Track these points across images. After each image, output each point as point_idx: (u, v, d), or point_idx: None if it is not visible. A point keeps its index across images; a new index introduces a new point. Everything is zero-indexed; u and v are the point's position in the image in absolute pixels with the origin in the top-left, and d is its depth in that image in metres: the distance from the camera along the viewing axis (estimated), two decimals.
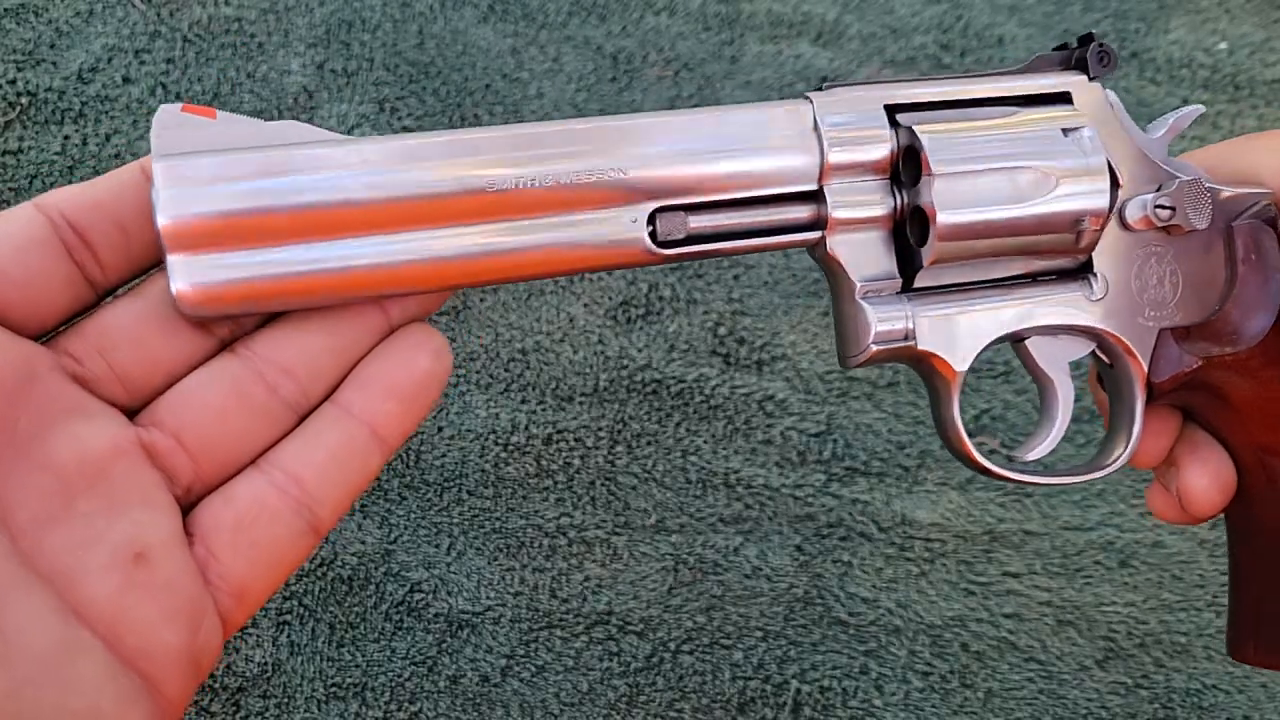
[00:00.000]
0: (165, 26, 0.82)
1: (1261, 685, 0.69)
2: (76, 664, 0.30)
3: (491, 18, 0.85)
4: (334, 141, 0.37)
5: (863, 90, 0.41)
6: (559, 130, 0.38)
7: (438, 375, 0.37)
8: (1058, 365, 0.44)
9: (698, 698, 0.68)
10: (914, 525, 0.72)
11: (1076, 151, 0.41)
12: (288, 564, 0.35)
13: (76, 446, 0.33)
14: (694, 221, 0.40)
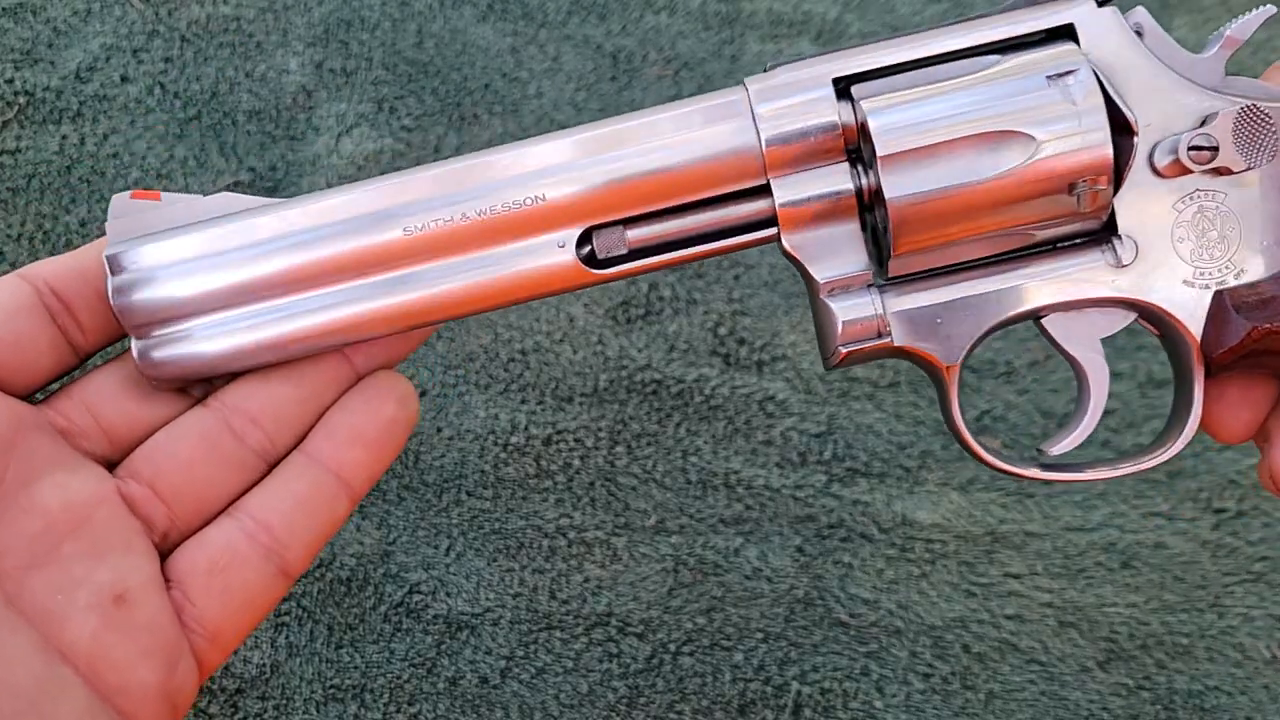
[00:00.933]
0: (163, 26, 0.82)
1: (1264, 687, 0.69)
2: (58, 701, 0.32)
3: (491, 16, 0.85)
4: (261, 209, 0.38)
5: (808, 65, 0.37)
6: (472, 165, 0.37)
7: (403, 421, 0.38)
8: (1087, 344, 0.38)
9: (698, 699, 0.68)
10: (915, 526, 0.72)
11: (1062, 101, 0.35)
12: (260, 607, 0.37)
13: (61, 495, 0.35)
14: (633, 234, 0.37)
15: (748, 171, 0.37)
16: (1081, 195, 0.35)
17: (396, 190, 0.37)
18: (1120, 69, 0.36)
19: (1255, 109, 0.35)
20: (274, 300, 0.37)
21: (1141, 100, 0.36)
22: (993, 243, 0.37)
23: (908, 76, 0.36)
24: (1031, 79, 0.35)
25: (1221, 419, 0.39)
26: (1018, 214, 0.36)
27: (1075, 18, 0.36)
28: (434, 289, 0.37)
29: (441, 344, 0.74)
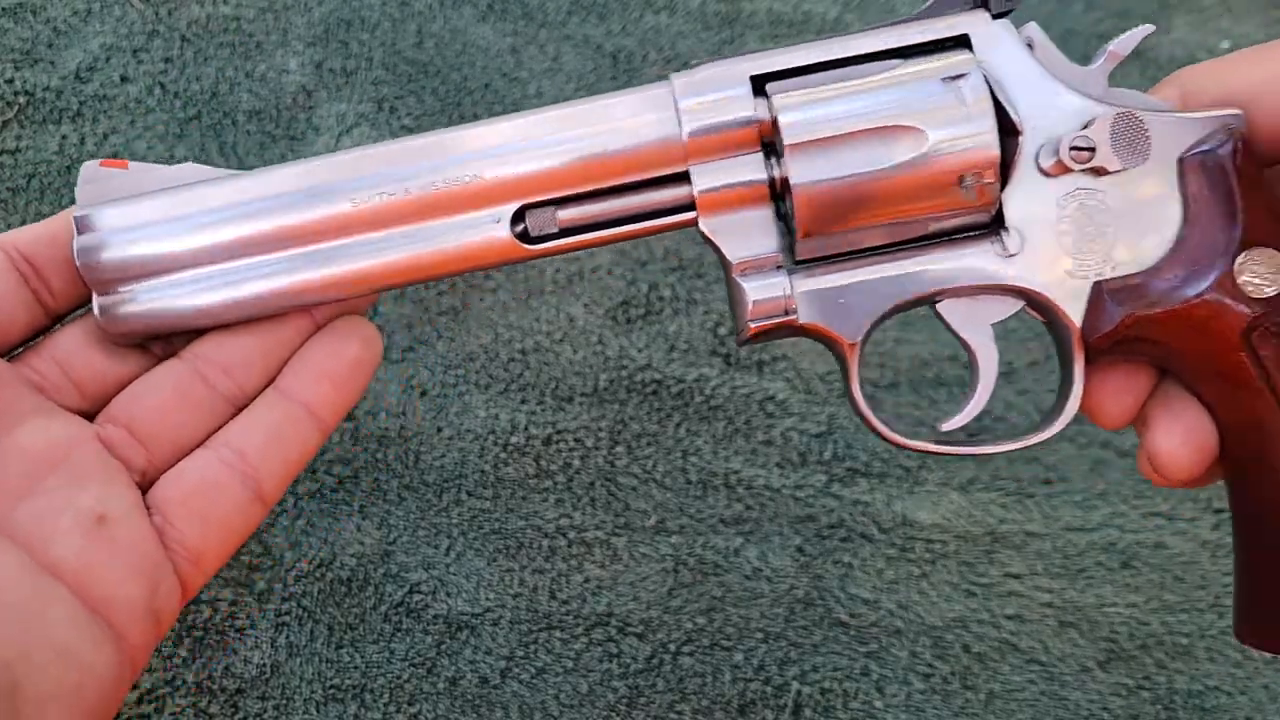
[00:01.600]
0: (163, 26, 0.81)
1: (1264, 687, 0.69)
2: (48, 611, 0.35)
3: (491, 16, 0.85)
4: (220, 179, 0.41)
5: (729, 63, 0.40)
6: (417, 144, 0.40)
7: (367, 360, 0.42)
8: (978, 328, 0.42)
9: (698, 699, 0.68)
10: (915, 526, 0.72)
11: (954, 102, 0.38)
12: (238, 530, 0.40)
13: (42, 436, 0.38)
14: (564, 214, 0.41)
15: (670, 159, 0.40)
16: (970, 188, 0.38)
17: (346, 165, 0.40)
18: (1010, 76, 0.39)
19: (1131, 115, 0.39)
20: (228, 264, 0.40)
21: (1029, 105, 0.39)
22: (892, 231, 0.40)
23: (818, 76, 0.40)
24: (928, 81, 0.39)
25: (1103, 405, 0.41)
26: (913, 203, 0.39)
27: (970, 28, 0.40)
28: (379, 258, 0.40)
29: (442, 344, 0.74)
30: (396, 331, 0.74)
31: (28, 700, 0.33)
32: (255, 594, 0.68)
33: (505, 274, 0.76)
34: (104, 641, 0.36)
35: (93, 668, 0.35)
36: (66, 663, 0.34)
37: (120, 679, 0.36)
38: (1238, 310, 0.38)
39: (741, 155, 0.40)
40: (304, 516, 0.70)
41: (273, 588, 0.68)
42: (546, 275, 0.76)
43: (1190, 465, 0.40)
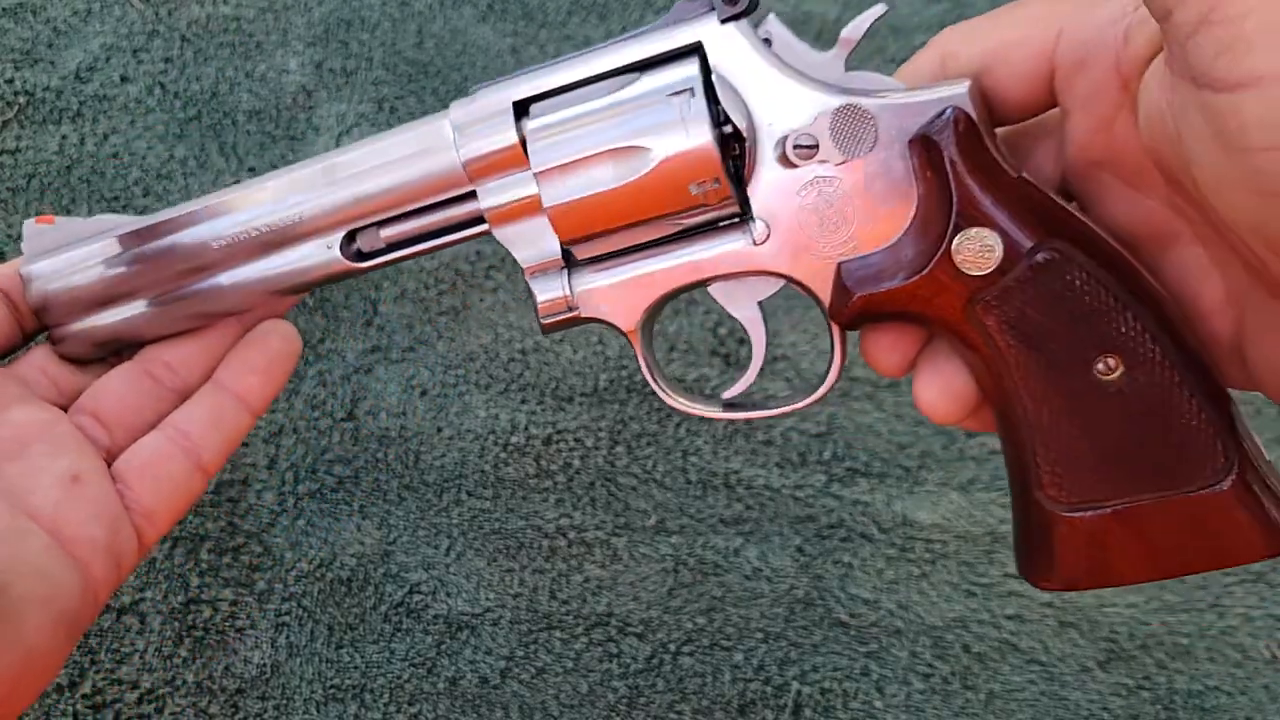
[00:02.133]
0: (163, 26, 0.81)
1: (1264, 687, 0.69)
2: (26, 540, 0.44)
3: (491, 17, 0.85)
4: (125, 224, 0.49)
5: (497, 89, 0.44)
6: (249, 192, 0.48)
7: (286, 354, 0.51)
8: (745, 305, 0.45)
9: (698, 699, 0.68)
10: (915, 526, 0.72)
11: (675, 118, 0.41)
12: (184, 494, 0.49)
13: (28, 416, 0.48)
14: (386, 233, 0.47)
15: (457, 182, 0.45)
16: (702, 192, 0.42)
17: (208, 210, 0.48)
18: (745, 76, 0.42)
19: (853, 107, 0.41)
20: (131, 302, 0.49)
21: (762, 103, 0.42)
22: (650, 229, 0.43)
23: (570, 96, 0.44)
24: (655, 97, 0.42)
25: (879, 358, 0.45)
26: (654, 209, 0.42)
27: (703, 36, 0.42)
28: (248, 280, 0.48)
29: (442, 344, 0.74)
30: (397, 331, 0.74)
31: (12, 599, 0.42)
32: (255, 594, 0.68)
33: (506, 274, 0.76)
34: (71, 568, 0.44)
35: (61, 585, 0.44)
36: (41, 577, 0.43)
37: (84, 600, 0.44)
38: (956, 287, 0.40)
39: (513, 173, 0.44)
40: (304, 516, 0.70)
41: (273, 588, 0.68)
42: None
43: (946, 413, 0.43)
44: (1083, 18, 0.39)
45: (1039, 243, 0.39)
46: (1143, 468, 0.39)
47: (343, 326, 0.74)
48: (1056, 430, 0.40)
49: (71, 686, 0.66)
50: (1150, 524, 0.39)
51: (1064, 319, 0.39)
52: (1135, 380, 0.39)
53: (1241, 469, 0.39)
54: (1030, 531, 0.42)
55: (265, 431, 0.72)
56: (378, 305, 0.75)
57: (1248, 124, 0.30)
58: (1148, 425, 0.39)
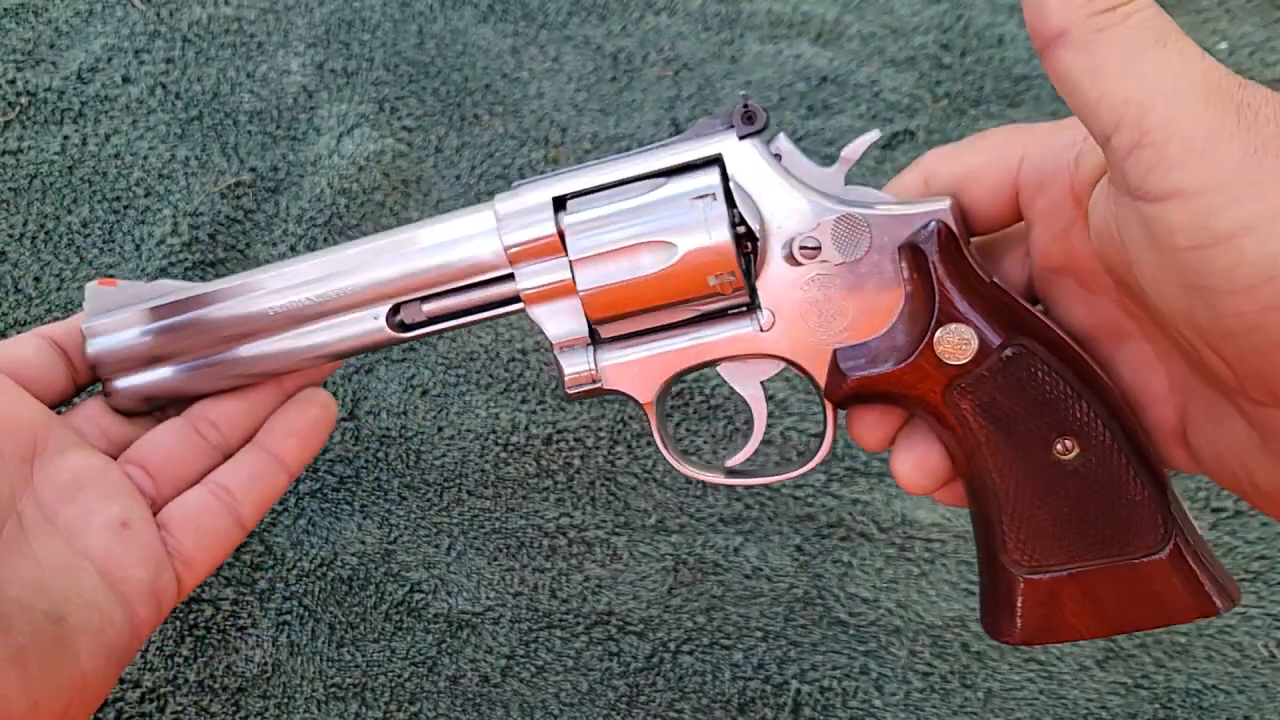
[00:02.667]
0: (165, 26, 0.82)
1: (1262, 685, 0.69)
2: (80, 576, 0.48)
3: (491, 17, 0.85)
4: (185, 290, 0.54)
5: (538, 186, 0.50)
6: (302, 266, 0.53)
7: (324, 421, 0.57)
8: (749, 384, 0.51)
9: (698, 698, 0.68)
10: (914, 525, 0.72)
11: (698, 219, 0.47)
12: (222, 545, 0.53)
13: (84, 462, 0.52)
14: (428, 307, 0.52)
15: (498, 265, 0.50)
16: (718, 283, 0.47)
17: (261, 281, 0.53)
18: (756, 186, 0.48)
19: (851, 216, 0.47)
20: (188, 360, 0.55)
21: (772, 209, 0.48)
22: (670, 314, 0.49)
23: (604, 194, 0.49)
24: (680, 199, 0.48)
25: (862, 435, 0.51)
26: (676, 295, 0.48)
27: (723, 149, 0.48)
28: (295, 346, 0.53)
29: (443, 344, 0.75)
30: None
31: (70, 628, 0.46)
32: (257, 593, 0.68)
33: None
34: (119, 605, 0.48)
35: (111, 619, 0.48)
36: (93, 610, 0.47)
37: (130, 636, 0.48)
38: (937, 375, 0.46)
39: (550, 260, 0.49)
40: (305, 515, 0.70)
41: (274, 586, 0.68)
42: None
43: (919, 485, 0.49)
44: (1041, 146, 0.45)
45: (1008, 339, 0.45)
46: (1094, 536, 0.45)
47: None
48: (1020, 501, 0.46)
49: None
50: (1099, 586, 0.45)
51: (1028, 405, 0.45)
52: (1088, 460, 0.45)
53: (1178, 540, 0.44)
54: (996, 591, 0.47)
55: None
56: None
57: (1174, 228, 0.36)
58: (1098, 499, 0.45)
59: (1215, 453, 0.43)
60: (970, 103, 0.85)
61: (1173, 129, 0.35)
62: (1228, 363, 0.38)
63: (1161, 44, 0.36)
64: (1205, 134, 0.35)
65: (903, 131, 0.83)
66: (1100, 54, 0.37)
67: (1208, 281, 0.36)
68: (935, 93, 0.85)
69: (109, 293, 0.56)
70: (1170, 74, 0.36)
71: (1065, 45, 0.38)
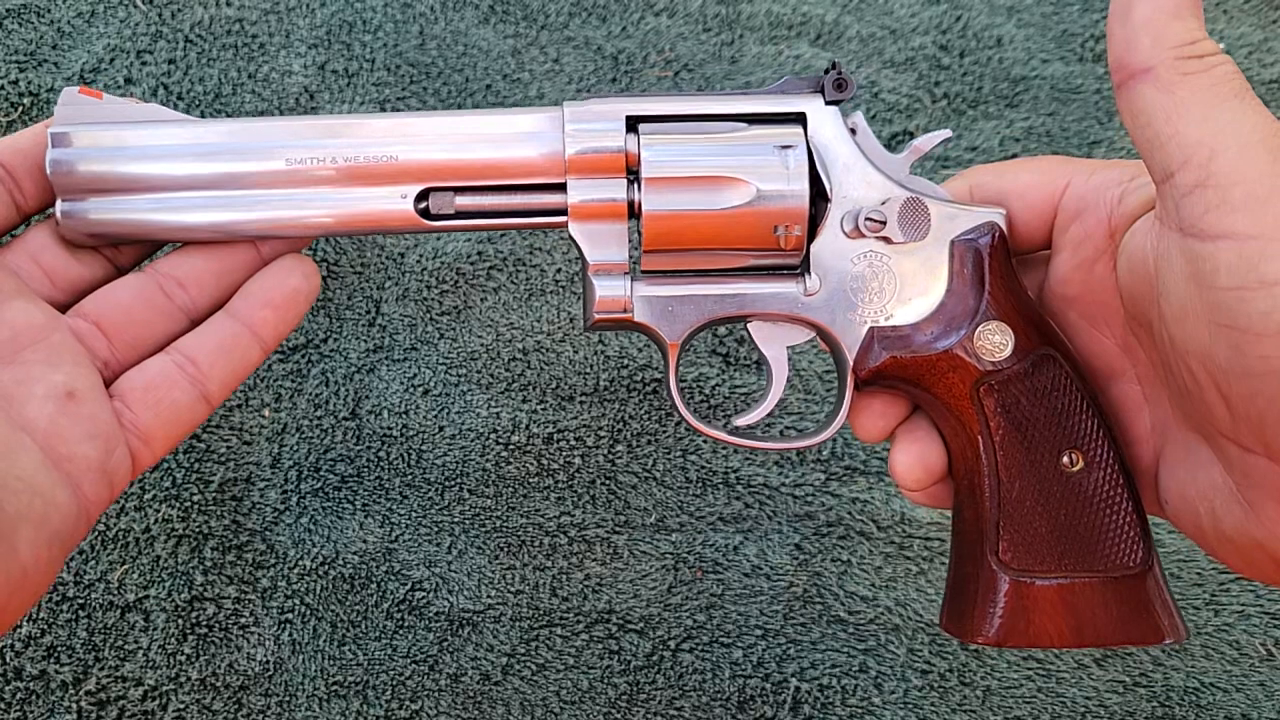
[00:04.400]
0: (167, 27, 0.82)
1: (1259, 684, 0.69)
2: (18, 454, 0.42)
3: (492, 19, 0.85)
4: (182, 122, 0.48)
5: (612, 102, 0.48)
6: (348, 121, 0.48)
7: (305, 291, 0.50)
8: (775, 347, 0.51)
9: (698, 695, 0.68)
10: (913, 524, 0.72)
11: (780, 166, 0.47)
12: (185, 422, 0.48)
13: (23, 316, 0.45)
14: (460, 200, 0.48)
15: (553, 171, 0.48)
16: (782, 235, 0.47)
17: (286, 127, 0.48)
18: (831, 152, 0.48)
19: (918, 200, 0.48)
20: (172, 194, 0.48)
21: (841, 178, 0.48)
22: (718, 259, 0.48)
23: (682, 125, 0.48)
24: (764, 145, 0.47)
25: (864, 424, 0.51)
26: (736, 239, 0.47)
27: (807, 108, 0.48)
28: (300, 210, 0.48)
29: (444, 343, 0.75)
30: (399, 331, 0.75)
31: (6, 516, 0.41)
32: (259, 591, 0.69)
33: (507, 275, 0.76)
34: (63, 486, 0.43)
35: (55, 502, 0.43)
36: (34, 494, 0.42)
37: (77, 519, 0.44)
38: (971, 367, 0.47)
39: (610, 178, 0.48)
40: (307, 514, 0.70)
41: (276, 585, 0.69)
42: (548, 276, 0.76)
43: (915, 478, 0.50)
44: (1087, 176, 0.47)
45: (1038, 346, 0.47)
46: (1083, 549, 0.46)
47: (346, 326, 0.75)
48: (1022, 504, 0.47)
49: (76, 683, 0.66)
50: (1079, 598, 0.46)
51: (1047, 412, 0.47)
52: (1091, 476, 0.47)
53: (1156, 566, 0.47)
54: (974, 591, 0.48)
55: (269, 430, 0.72)
56: (380, 305, 0.75)
57: (1220, 267, 0.38)
58: (1094, 516, 0.46)
59: (1184, 496, 0.45)
60: (969, 103, 0.85)
61: (1238, 176, 0.37)
62: (1230, 404, 0.39)
63: (1240, 99, 0.39)
64: (1270, 186, 0.37)
65: (901, 132, 0.83)
66: (1181, 95, 0.39)
67: (1240, 322, 0.37)
68: (934, 93, 0.85)
69: (89, 104, 0.48)
70: (1246, 127, 0.38)
71: (1148, 81, 0.40)
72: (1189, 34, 0.40)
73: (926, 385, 0.48)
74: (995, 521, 0.47)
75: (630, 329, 0.50)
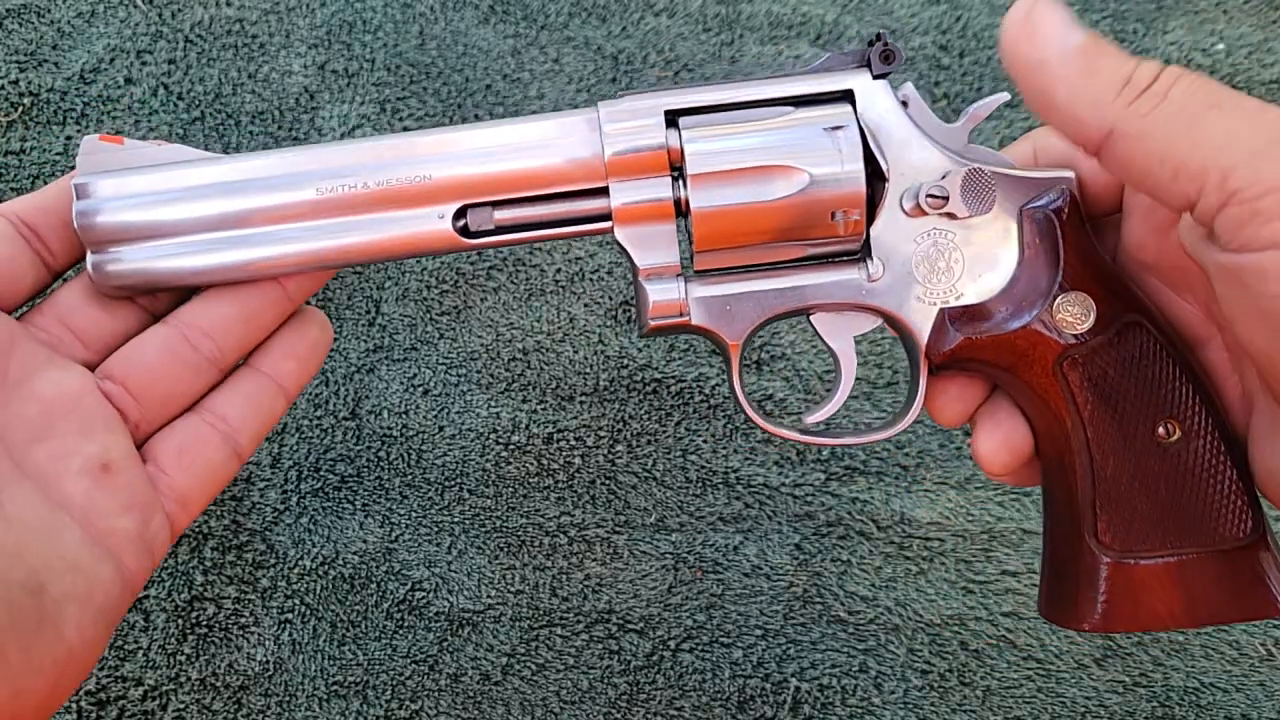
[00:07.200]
0: (167, 27, 0.82)
1: (1259, 684, 0.69)
2: (59, 534, 0.41)
3: (492, 19, 0.85)
4: (206, 160, 0.47)
5: (648, 97, 0.46)
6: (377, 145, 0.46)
7: (323, 341, 0.50)
8: (841, 337, 0.48)
9: (698, 695, 0.68)
10: (913, 524, 0.72)
11: (831, 149, 0.44)
12: (218, 479, 0.47)
13: (54, 387, 0.44)
14: (500, 215, 0.46)
15: (593, 175, 0.45)
16: (840, 221, 0.45)
17: (314, 158, 0.46)
18: (884, 129, 0.45)
19: (980, 172, 0.45)
20: (204, 235, 0.46)
21: (897, 154, 0.45)
22: (775, 251, 0.46)
23: (723, 115, 0.45)
24: (812, 128, 0.45)
25: (943, 409, 0.49)
26: (792, 230, 0.45)
27: (854, 85, 0.46)
28: (335, 240, 0.46)
29: (444, 343, 0.75)
30: (399, 331, 0.75)
31: (51, 598, 0.40)
32: (259, 591, 0.69)
33: (507, 275, 0.76)
34: (106, 561, 0.42)
35: (99, 579, 0.42)
36: (77, 573, 0.41)
37: (123, 592, 0.43)
38: (1052, 342, 0.44)
39: (653, 177, 0.45)
40: (307, 514, 0.70)
41: (276, 585, 0.69)
42: (548, 276, 0.76)
43: (1002, 463, 0.47)
44: None
45: (1123, 313, 0.44)
46: (1188, 523, 0.44)
47: (346, 326, 0.75)
48: (1118, 482, 0.44)
49: None
50: (1190, 575, 0.43)
51: (1137, 383, 0.44)
52: (1189, 446, 0.44)
53: (1266, 533, 0.44)
54: (1075, 576, 0.45)
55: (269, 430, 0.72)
56: (380, 305, 0.75)
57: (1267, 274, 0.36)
58: (1196, 488, 0.43)
59: (1269, 469, 0.43)
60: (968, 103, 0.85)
61: (1262, 185, 0.35)
62: None
63: (1218, 107, 0.37)
64: None
65: None
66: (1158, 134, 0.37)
67: None
68: (934, 93, 0.85)
69: (110, 151, 0.47)
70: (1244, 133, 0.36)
71: (1118, 141, 0.38)
72: (1119, 74, 0.38)
73: (1006, 365, 0.45)
74: (1091, 501, 0.44)
75: (688, 333, 0.47)
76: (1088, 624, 0.44)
